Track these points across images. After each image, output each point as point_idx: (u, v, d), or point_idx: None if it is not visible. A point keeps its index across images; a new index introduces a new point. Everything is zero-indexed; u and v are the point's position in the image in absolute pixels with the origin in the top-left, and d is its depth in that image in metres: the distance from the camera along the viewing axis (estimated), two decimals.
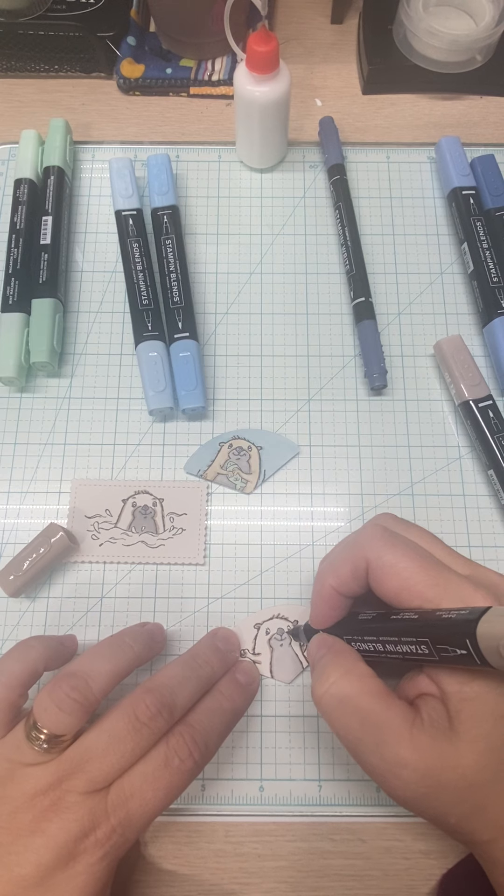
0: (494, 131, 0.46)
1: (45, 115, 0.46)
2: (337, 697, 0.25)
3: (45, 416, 0.39)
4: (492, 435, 0.36)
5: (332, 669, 0.26)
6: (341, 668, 0.26)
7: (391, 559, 0.26)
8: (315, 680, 0.27)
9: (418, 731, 0.24)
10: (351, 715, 0.25)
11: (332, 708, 0.26)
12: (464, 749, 0.23)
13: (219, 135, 0.46)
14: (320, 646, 0.28)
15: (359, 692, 0.25)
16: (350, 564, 0.27)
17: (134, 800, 0.26)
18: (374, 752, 0.24)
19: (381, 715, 0.24)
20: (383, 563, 0.26)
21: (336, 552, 0.29)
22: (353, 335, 0.41)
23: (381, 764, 0.24)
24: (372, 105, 0.47)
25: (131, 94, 0.48)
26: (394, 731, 0.24)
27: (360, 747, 0.25)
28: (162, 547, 0.36)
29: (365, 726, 0.25)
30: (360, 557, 0.27)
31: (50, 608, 0.35)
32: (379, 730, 0.24)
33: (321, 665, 0.27)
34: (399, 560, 0.26)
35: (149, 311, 0.39)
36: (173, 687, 0.28)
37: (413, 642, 0.24)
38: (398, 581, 0.25)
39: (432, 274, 0.42)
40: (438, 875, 0.32)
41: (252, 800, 0.32)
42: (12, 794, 0.26)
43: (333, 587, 0.28)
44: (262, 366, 0.40)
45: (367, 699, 0.25)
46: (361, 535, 0.28)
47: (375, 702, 0.25)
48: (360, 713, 0.25)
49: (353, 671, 0.26)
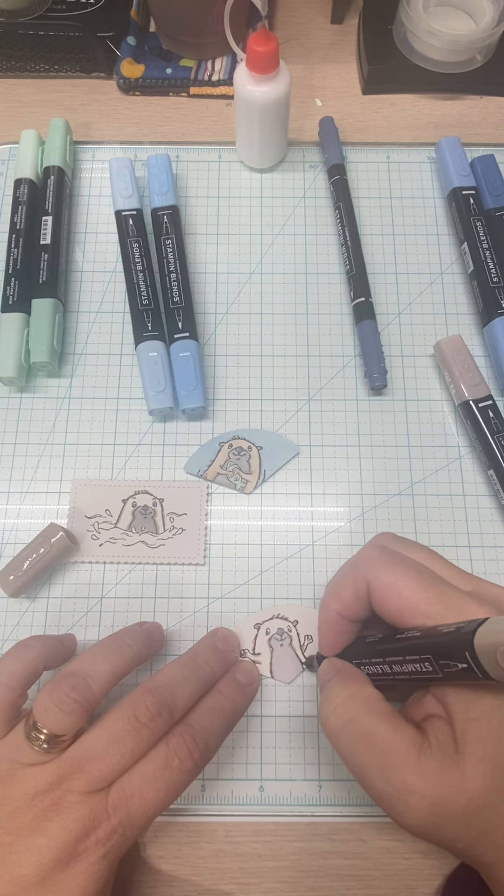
0: (494, 131, 0.46)
1: (45, 115, 0.46)
2: (343, 719, 0.25)
3: (45, 416, 0.39)
4: (492, 435, 0.36)
5: (339, 691, 0.26)
6: (348, 690, 0.26)
7: (391, 579, 0.26)
8: (322, 703, 0.26)
9: (426, 756, 0.23)
10: (357, 738, 0.24)
11: (338, 730, 0.25)
12: (470, 772, 0.23)
13: (219, 135, 0.46)
14: (329, 669, 0.28)
15: (365, 714, 0.25)
16: (351, 588, 0.27)
17: (134, 800, 0.26)
18: (380, 777, 0.24)
19: (389, 738, 0.24)
20: (383, 583, 0.26)
21: (338, 577, 0.29)
22: (353, 335, 0.41)
23: (388, 789, 0.23)
24: (372, 105, 0.47)
25: (131, 94, 0.48)
26: (401, 756, 0.23)
27: (367, 771, 0.24)
28: (162, 547, 0.36)
29: (371, 750, 0.24)
30: (361, 579, 0.27)
31: (50, 608, 0.35)
32: (386, 754, 0.24)
33: (328, 687, 0.27)
34: (399, 579, 0.26)
35: (149, 311, 0.39)
36: (173, 687, 0.28)
37: (417, 660, 0.24)
38: (399, 601, 0.25)
39: (432, 274, 0.42)
40: (438, 875, 0.32)
41: (252, 800, 0.32)
42: (13, 794, 0.26)
43: (338, 612, 0.28)
44: (262, 366, 0.40)
45: (374, 722, 0.24)
46: (360, 556, 0.28)
47: (383, 725, 0.24)
48: (366, 737, 0.24)
49: (360, 693, 0.26)
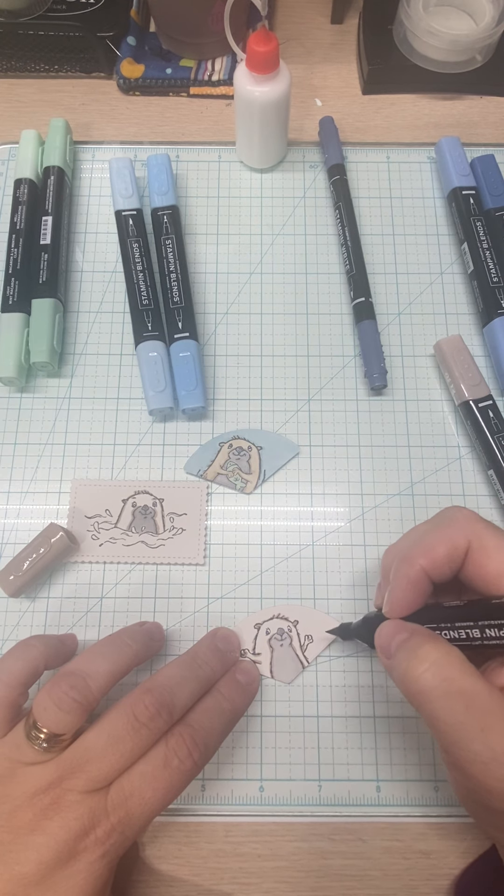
0: (494, 131, 0.46)
1: (45, 115, 0.46)
2: (438, 678, 0.23)
3: (45, 416, 0.39)
4: (492, 435, 0.36)
5: (431, 648, 0.24)
6: (439, 648, 0.24)
7: (495, 542, 0.25)
8: (407, 660, 0.24)
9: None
10: (455, 697, 0.23)
11: (432, 688, 0.23)
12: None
13: (219, 135, 0.46)
14: (399, 629, 0.26)
15: (463, 674, 0.23)
16: (447, 544, 0.26)
17: (134, 799, 0.26)
18: (478, 738, 0.22)
19: (488, 700, 0.23)
20: (486, 544, 0.25)
21: (419, 535, 0.27)
22: (353, 335, 0.41)
23: (486, 752, 0.22)
24: (372, 105, 0.47)
25: (131, 94, 0.48)
26: (502, 718, 0.22)
27: (462, 732, 0.23)
28: (162, 547, 0.36)
29: (470, 710, 0.23)
30: (461, 537, 0.26)
31: (50, 608, 0.35)
32: (486, 715, 0.22)
33: (412, 645, 0.24)
34: (502, 543, 0.25)
35: (149, 311, 0.39)
36: (173, 687, 0.28)
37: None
38: (500, 565, 0.25)
39: (432, 274, 0.42)
40: (438, 875, 0.32)
41: (252, 800, 0.32)
42: (13, 793, 0.27)
43: (424, 569, 0.26)
44: (262, 366, 0.40)
45: (472, 682, 0.23)
46: (455, 516, 0.27)
47: (481, 686, 0.23)
48: (464, 696, 0.23)
49: (454, 653, 0.24)
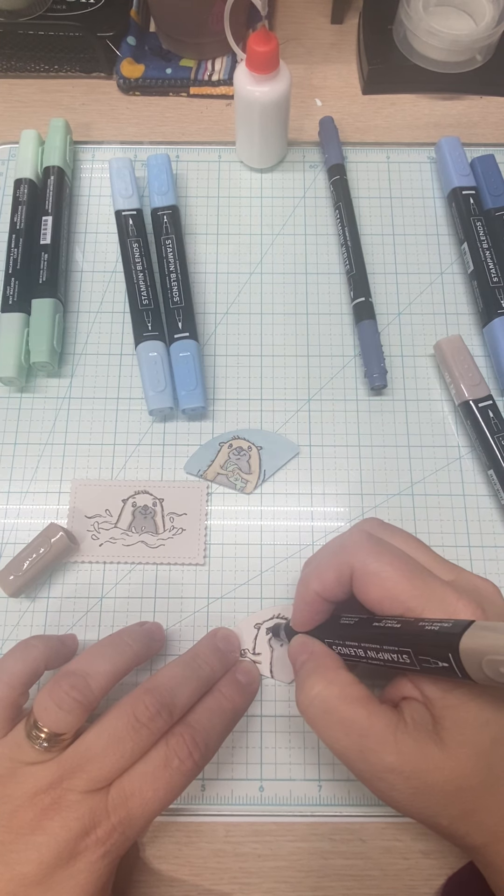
0: (494, 131, 0.46)
1: (45, 115, 0.46)
2: (321, 708, 0.26)
3: (45, 416, 0.39)
4: (492, 435, 0.36)
5: (316, 679, 0.26)
6: (324, 678, 0.26)
7: (376, 567, 0.26)
8: (298, 689, 0.27)
9: (402, 734, 0.24)
10: (335, 725, 0.25)
11: (317, 718, 0.26)
12: (449, 753, 0.23)
13: (219, 135, 0.46)
14: (302, 650, 0.28)
15: (341, 701, 0.25)
16: (335, 571, 0.27)
17: (134, 799, 0.26)
18: (359, 759, 0.25)
19: (364, 723, 0.25)
20: (367, 570, 0.26)
21: (321, 557, 0.29)
22: (353, 335, 0.41)
23: (368, 769, 0.24)
24: (372, 105, 0.47)
25: (131, 94, 0.48)
26: (377, 738, 0.24)
27: (346, 754, 0.25)
28: (162, 547, 0.36)
29: (349, 735, 0.25)
30: (345, 564, 0.27)
31: (50, 608, 0.35)
32: (362, 738, 0.24)
33: (304, 673, 0.27)
34: (383, 568, 0.26)
35: (149, 311, 0.39)
36: (173, 687, 0.28)
37: (395, 651, 0.24)
38: (381, 590, 0.26)
39: (432, 274, 0.42)
40: (438, 875, 0.32)
41: (252, 800, 0.32)
42: (13, 793, 0.27)
43: (317, 592, 0.28)
44: (262, 366, 0.40)
45: (350, 708, 0.25)
46: (347, 541, 0.28)
47: (358, 710, 0.25)
48: (343, 723, 0.25)
49: (336, 680, 0.26)
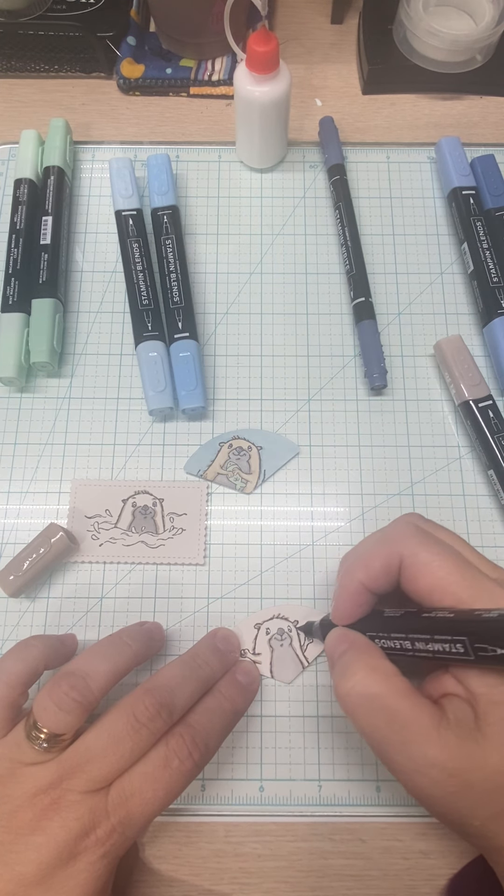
0: (494, 131, 0.46)
1: (45, 115, 0.46)
2: (362, 695, 0.25)
3: (45, 416, 0.39)
4: (492, 435, 0.36)
5: (358, 666, 0.25)
6: (367, 665, 0.25)
7: (426, 557, 0.26)
8: (339, 676, 0.26)
9: (445, 730, 0.23)
10: (377, 713, 0.24)
11: (358, 706, 0.25)
12: (491, 751, 0.23)
13: (219, 135, 0.46)
14: (341, 640, 0.27)
15: (385, 690, 0.24)
16: (383, 560, 0.27)
17: (134, 799, 0.26)
18: (400, 752, 0.24)
19: (408, 713, 0.24)
20: (418, 560, 0.26)
21: (364, 547, 0.28)
22: (353, 335, 0.41)
23: (409, 763, 0.24)
24: (372, 105, 0.47)
25: (131, 94, 0.48)
26: (421, 730, 0.23)
27: (386, 746, 0.24)
28: (162, 547, 0.36)
29: (391, 725, 0.24)
30: (395, 553, 0.26)
31: (50, 608, 0.35)
32: (405, 729, 0.24)
33: (345, 661, 0.26)
34: (434, 559, 0.25)
35: (149, 311, 0.39)
36: (173, 687, 0.28)
37: (448, 640, 0.24)
38: (432, 580, 0.25)
39: (432, 274, 0.42)
40: (438, 875, 0.32)
41: (252, 800, 0.32)
42: (13, 793, 0.27)
43: (362, 582, 0.27)
44: (262, 366, 0.40)
45: (393, 697, 0.24)
46: (395, 531, 0.27)
47: (402, 700, 0.24)
48: (386, 711, 0.24)
49: (379, 668, 0.25)
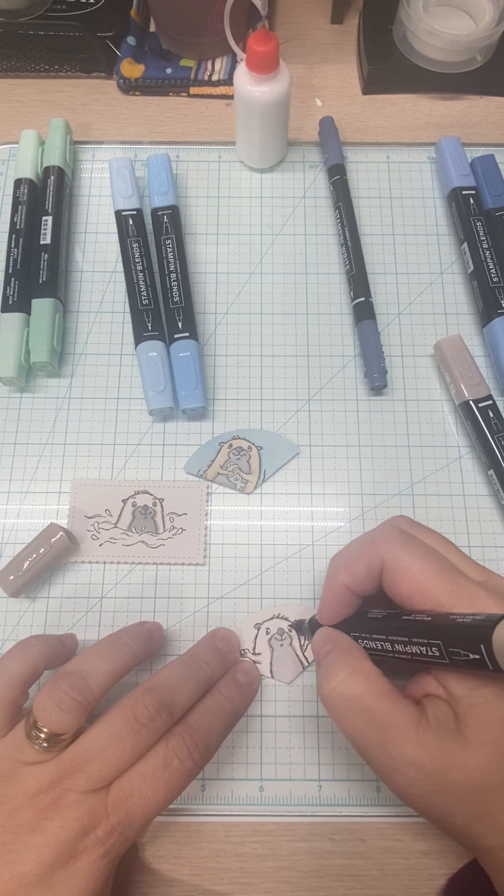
0: (494, 131, 0.46)
1: (45, 115, 0.46)
2: (344, 697, 0.25)
3: (45, 416, 0.39)
4: (492, 435, 0.36)
5: (340, 668, 0.26)
6: (348, 666, 0.26)
7: (407, 561, 0.26)
8: (322, 677, 0.26)
9: (424, 730, 0.24)
10: (357, 714, 0.25)
11: (339, 707, 0.25)
12: (471, 752, 0.23)
13: (219, 135, 0.46)
14: (326, 640, 0.28)
15: (365, 691, 0.25)
16: (365, 563, 0.27)
17: (134, 799, 0.26)
18: (380, 751, 0.24)
19: (388, 714, 0.24)
20: (399, 564, 0.26)
21: (350, 550, 0.29)
22: (353, 335, 0.41)
23: (388, 762, 0.24)
24: (372, 105, 0.47)
25: (131, 94, 0.48)
26: (400, 731, 0.24)
27: (367, 746, 0.25)
28: (162, 547, 0.36)
29: (371, 726, 0.24)
30: (376, 557, 0.27)
31: (50, 608, 0.35)
32: (385, 729, 0.24)
33: (328, 662, 0.27)
34: (415, 562, 0.26)
35: (149, 311, 0.39)
36: (172, 687, 0.28)
37: (424, 644, 0.24)
38: (413, 583, 0.25)
39: (432, 274, 0.42)
40: (438, 875, 0.32)
41: (252, 800, 0.32)
42: (13, 793, 0.27)
43: (346, 585, 0.28)
44: (262, 366, 0.40)
45: (373, 699, 0.25)
46: (378, 535, 0.28)
47: (382, 701, 0.25)
48: (366, 713, 0.25)
49: (360, 670, 0.26)
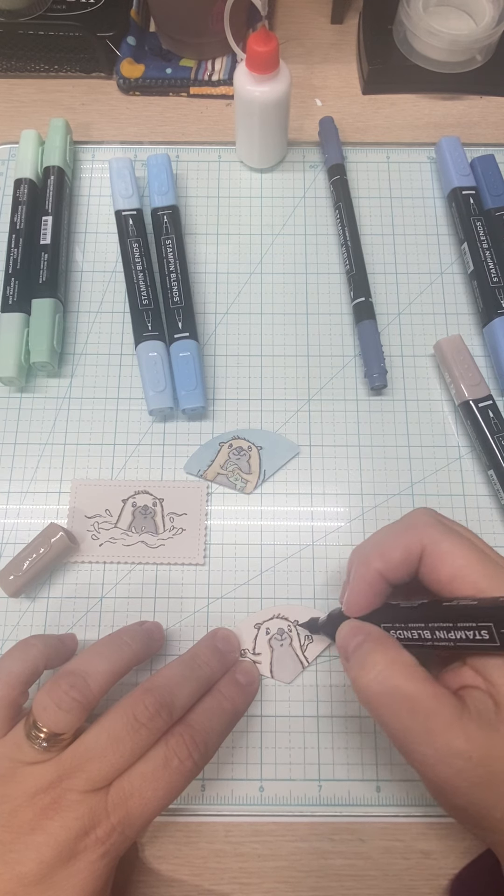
0: (494, 131, 0.46)
1: (45, 115, 0.46)
2: (384, 685, 0.24)
3: (45, 416, 0.39)
4: (492, 435, 0.36)
5: (379, 657, 0.25)
6: (386, 656, 0.25)
7: (447, 546, 0.26)
8: (357, 668, 0.25)
9: (467, 720, 0.23)
10: (399, 704, 0.24)
11: (379, 695, 0.25)
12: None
13: (219, 135, 0.46)
14: (356, 631, 0.27)
15: (407, 680, 0.24)
16: (403, 548, 0.26)
17: (134, 799, 0.26)
18: (424, 742, 0.23)
19: (431, 703, 0.24)
20: (440, 549, 0.26)
21: (381, 537, 0.28)
22: (353, 335, 0.41)
23: (433, 753, 0.23)
24: (372, 105, 0.47)
25: (131, 94, 0.48)
26: (444, 720, 0.23)
27: (409, 736, 0.24)
28: (162, 547, 0.36)
29: (414, 715, 0.24)
30: (416, 542, 0.26)
31: (50, 608, 0.35)
32: (429, 719, 0.23)
33: (363, 652, 0.26)
34: (454, 548, 0.26)
35: (149, 311, 0.39)
36: (172, 687, 0.28)
37: (472, 627, 0.24)
38: (453, 569, 0.25)
39: (432, 274, 0.42)
40: (438, 875, 0.32)
41: (252, 800, 0.32)
42: (13, 793, 0.27)
43: (380, 571, 0.27)
44: (262, 366, 0.40)
45: (415, 687, 0.24)
46: (415, 520, 0.27)
47: (424, 690, 0.24)
48: (408, 702, 0.24)
49: (398, 659, 0.25)
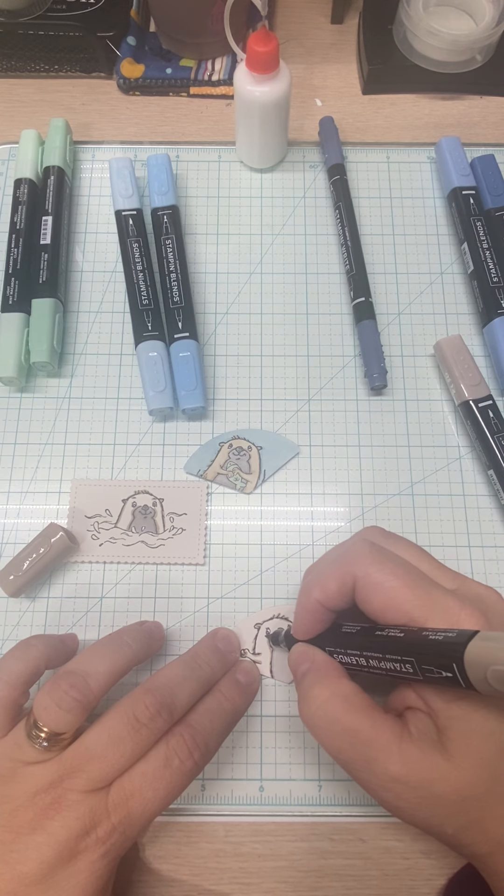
0: (494, 131, 0.46)
1: (45, 115, 0.46)
2: (325, 719, 0.26)
3: (45, 416, 0.39)
4: (492, 435, 0.36)
5: (319, 690, 0.26)
6: (326, 688, 0.26)
7: (379, 577, 0.26)
8: (301, 700, 0.27)
9: (407, 744, 0.24)
10: (340, 735, 0.25)
11: (321, 729, 0.26)
12: (455, 763, 0.23)
13: (219, 135, 0.46)
14: (303, 659, 0.28)
15: (345, 713, 0.25)
16: (337, 580, 0.27)
17: (134, 799, 0.26)
18: (364, 770, 0.25)
19: (369, 733, 0.25)
20: (371, 580, 0.26)
21: (322, 566, 0.29)
22: (353, 335, 0.41)
23: (373, 780, 0.24)
24: (372, 105, 0.47)
25: (131, 94, 0.48)
26: (382, 748, 0.24)
27: (351, 765, 0.25)
28: (162, 547, 0.36)
29: (354, 745, 0.25)
30: (348, 573, 0.27)
31: (50, 608, 0.35)
32: (368, 748, 0.24)
33: (306, 684, 0.27)
34: (386, 578, 0.26)
35: (149, 311, 0.39)
36: (173, 687, 0.28)
37: (398, 660, 0.24)
38: (385, 599, 0.25)
39: (432, 274, 0.42)
40: (438, 875, 0.32)
41: (252, 800, 0.32)
42: (14, 793, 0.27)
43: (319, 601, 0.28)
44: (262, 366, 0.40)
45: (354, 719, 0.25)
46: (349, 550, 0.28)
47: (362, 720, 0.25)
48: (348, 734, 0.25)
49: (339, 692, 0.26)
